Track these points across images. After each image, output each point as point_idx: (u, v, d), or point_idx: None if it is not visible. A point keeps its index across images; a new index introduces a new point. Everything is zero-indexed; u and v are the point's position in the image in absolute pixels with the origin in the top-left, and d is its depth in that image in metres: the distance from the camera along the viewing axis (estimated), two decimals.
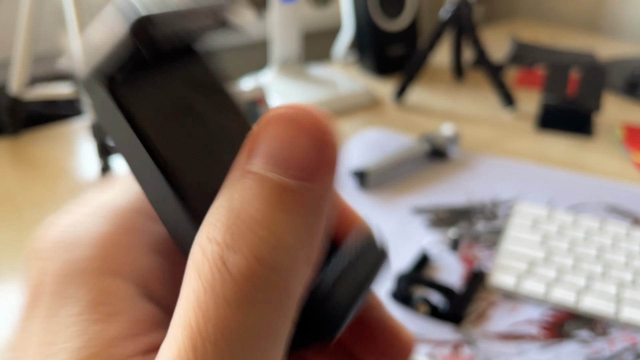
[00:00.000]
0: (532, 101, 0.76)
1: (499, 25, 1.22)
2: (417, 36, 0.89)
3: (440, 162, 0.61)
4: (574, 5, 1.20)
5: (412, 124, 0.71)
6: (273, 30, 0.78)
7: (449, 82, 0.85)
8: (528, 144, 0.65)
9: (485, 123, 0.71)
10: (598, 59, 0.93)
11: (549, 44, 1.03)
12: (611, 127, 0.69)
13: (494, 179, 0.58)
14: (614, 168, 0.60)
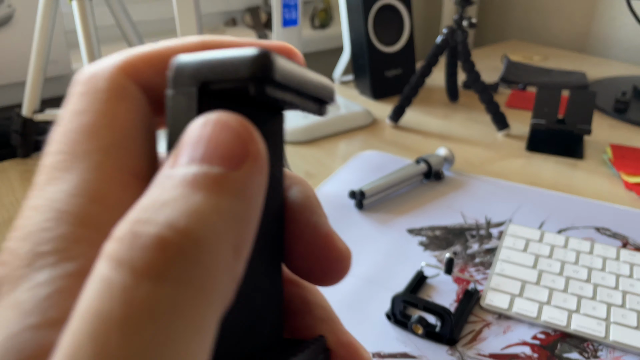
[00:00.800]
0: (524, 122, 0.79)
1: (491, 45, 1.25)
2: (413, 58, 0.91)
3: (436, 183, 0.63)
4: (565, 26, 1.23)
5: (408, 145, 0.73)
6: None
7: (444, 102, 0.88)
8: (520, 165, 0.68)
9: (479, 144, 0.73)
10: (588, 80, 0.95)
11: (540, 64, 1.06)
12: (601, 148, 0.71)
13: (488, 200, 0.60)
14: (604, 189, 0.62)
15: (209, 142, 0.12)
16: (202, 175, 0.11)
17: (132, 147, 0.15)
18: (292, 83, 0.14)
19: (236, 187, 0.12)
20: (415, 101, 0.85)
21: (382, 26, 0.87)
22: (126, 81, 0.15)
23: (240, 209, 0.12)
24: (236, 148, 0.12)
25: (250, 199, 0.12)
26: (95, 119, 0.15)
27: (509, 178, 0.65)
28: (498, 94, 0.92)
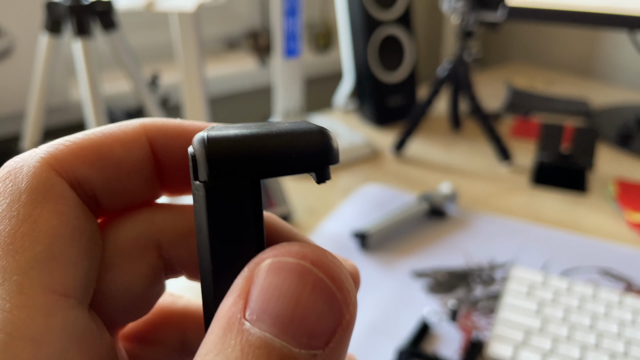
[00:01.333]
0: (528, 153, 0.79)
1: (495, 68, 1.26)
2: (415, 87, 0.91)
3: (439, 221, 0.63)
4: (568, 50, 1.23)
5: (411, 178, 0.73)
6: (276, 81, 0.80)
7: (447, 132, 0.88)
8: (523, 200, 0.67)
9: (482, 177, 0.73)
10: (591, 108, 0.95)
11: (544, 91, 1.06)
12: (604, 183, 0.71)
13: (491, 239, 0.59)
14: (607, 227, 0.62)
15: (298, 306, 0.10)
16: (289, 358, 0.10)
17: (59, 259, 0.12)
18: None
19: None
20: (419, 130, 0.85)
21: (384, 55, 0.87)
22: (53, 178, 0.13)
23: None
24: (331, 320, 0.10)
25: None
26: (14, 227, 0.12)
27: (513, 214, 0.64)
28: (501, 122, 0.92)
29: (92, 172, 0.14)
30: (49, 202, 0.13)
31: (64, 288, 0.12)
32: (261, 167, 0.12)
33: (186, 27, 0.53)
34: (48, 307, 0.12)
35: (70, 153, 0.14)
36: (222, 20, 1.15)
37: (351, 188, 0.70)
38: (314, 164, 0.13)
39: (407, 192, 0.68)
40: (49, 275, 0.12)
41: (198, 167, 0.12)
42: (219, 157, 0.12)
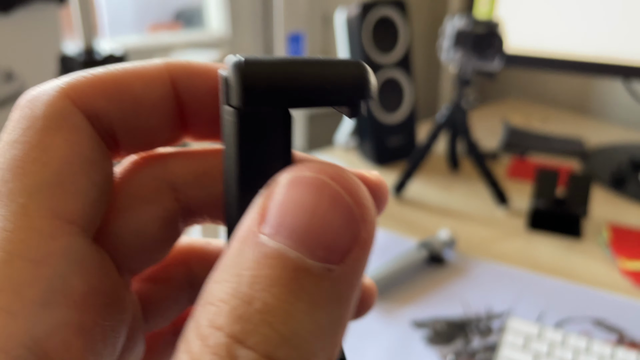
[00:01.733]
0: (524, 195, 0.81)
1: (492, 104, 1.28)
2: (414, 128, 0.94)
3: (437, 268, 0.64)
4: (564, 87, 1.26)
5: (411, 220, 0.75)
6: None
7: (445, 172, 0.90)
8: (520, 245, 0.69)
9: (480, 220, 0.75)
10: (586, 147, 0.98)
11: (540, 129, 1.08)
12: (598, 228, 0.73)
13: (489, 287, 0.61)
14: (601, 274, 0.64)
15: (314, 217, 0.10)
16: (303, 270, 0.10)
17: (66, 186, 0.13)
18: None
19: (339, 292, 0.10)
20: (418, 171, 0.87)
21: (384, 96, 0.90)
22: (69, 108, 0.13)
23: (339, 316, 0.10)
24: (347, 235, 0.10)
25: (351, 301, 0.11)
26: (25, 152, 0.12)
27: (510, 260, 0.66)
28: (498, 161, 0.94)
29: (110, 105, 0.14)
30: (62, 130, 0.13)
31: (69, 214, 0.12)
32: (296, 95, 0.12)
33: None
34: (50, 230, 0.12)
35: (89, 85, 0.13)
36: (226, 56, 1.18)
37: None
38: (349, 96, 0.12)
39: (407, 236, 0.70)
40: (54, 200, 0.12)
41: (230, 92, 0.12)
42: (254, 83, 0.12)
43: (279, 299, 0.10)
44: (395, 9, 0.89)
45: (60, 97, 0.13)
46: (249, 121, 0.12)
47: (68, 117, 0.13)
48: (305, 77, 0.12)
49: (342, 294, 0.10)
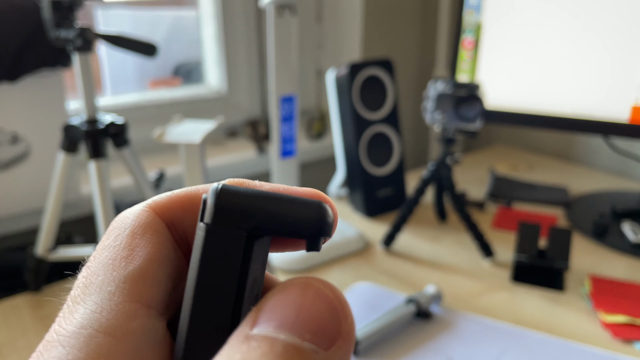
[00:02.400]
0: (509, 246, 0.84)
1: (479, 151, 1.33)
2: (403, 179, 0.97)
3: (425, 322, 0.67)
4: (548, 135, 1.30)
5: (400, 273, 0.78)
6: (273, 176, 0.86)
7: (433, 223, 0.93)
8: (505, 298, 0.72)
9: (466, 273, 0.78)
10: (570, 196, 1.01)
11: (525, 177, 1.12)
12: (580, 279, 0.75)
13: (474, 342, 0.64)
14: (583, 328, 0.66)
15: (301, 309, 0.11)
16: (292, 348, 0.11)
17: (147, 278, 0.15)
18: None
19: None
20: (406, 223, 0.90)
21: (373, 150, 0.94)
22: (153, 218, 0.16)
23: None
24: (331, 324, 0.11)
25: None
26: (115, 252, 0.16)
27: (495, 314, 0.69)
28: (484, 211, 0.97)
29: (184, 215, 0.17)
30: (146, 234, 0.16)
31: (148, 300, 0.15)
32: (259, 222, 0.14)
33: (192, 156, 0.59)
34: (131, 312, 0.14)
35: (168, 200, 0.17)
36: (223, 110, 1.23)
37: (343, 285, 0.74)
38: (308, 231, 0.14)
39: (396, 290, 0.73)
40: (136, 288, 0.15)
41: (206, 211, 0.14)
42: (225, 206, 0.14)
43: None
44: (383, 68, 0.94)
45: (145, 210, 0.17)
46: (214, 237, 0.14)
47: (151, 224, 0.16)
48: (270, 209, 0.14)
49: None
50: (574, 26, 0.85)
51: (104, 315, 0.14)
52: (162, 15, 1.42)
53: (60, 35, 0.60)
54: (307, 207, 0.14)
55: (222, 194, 0.14)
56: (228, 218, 0.14)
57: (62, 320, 0.15)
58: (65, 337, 0.14)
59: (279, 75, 0.79)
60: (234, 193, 0.14)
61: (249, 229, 0.14)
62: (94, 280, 0.15)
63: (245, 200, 0.14)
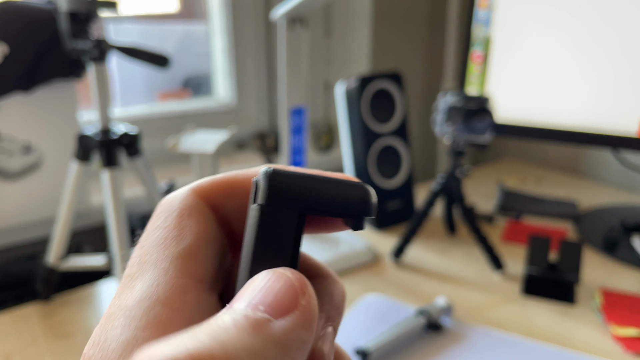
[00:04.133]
0: (519, 259, 0.83)
1: (488, 165, 1.33)
2: (412, 192, 0.98)
3: (435, 334, 0.67)
4: (557, 149, 1.30)
5: (410, 285, 0.77)
6: None
7: (443, 236, 0.93)
8: (515, 311, 0.71)
9: (476, 285, 0.77)
10: (579, 210, 1.01)
11: (534, 191, 1.12)
12: (591, 293, 0.75)
13: (485, 355, 0.63)
14: (594, 341, 0.66)
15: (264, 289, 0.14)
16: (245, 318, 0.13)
17: (197, 255, 0.17)
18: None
19: (274, 334, 0.13)
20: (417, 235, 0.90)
21: (382, 163, 0.94)
22: (197, 201, 0.18)
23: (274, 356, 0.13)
24: (286, 297, 0.14)
25: (288, 349, 0.13)
26: (165, 233, 0.17)
27: (506, 326, 0.68)
28: (494, 225, 0.97)
29: (226, 199, 0.18)
30: (193, 215, 0.18)
31: (199, 275, 0.17)
32: (309, 203, 0.15)
33: (205, 165, 0.60)
34: (185, 286, 0.16)
35: (211, 185, 0.19)
36: (232, 123, 1.23)
37: (352, 297, 0.74)
38: (354, 211, 0.15)
39: (406, 302, 0.73)
40: (188, 264, 0.17)
41: (258, 192, 0.15)
42: (277, 188, 0.15)
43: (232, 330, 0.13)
44: (392, 81, 0.95)
45: (190, 194, 0.18)
46: (267, 217, 0.15)
47: (197, 207, 0.18)
48: (319, 190, 0.15)
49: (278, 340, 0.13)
50: (583, 39, 0.86)
51: (160, 288, 0.16)
52: (172, 29, 1.43)
53: (77, 46, 0.61)
54: (353, 188, 0.15)
55: (274, 176, 0.15)
56: (280, 199, 0.15)
57: (121, 296, 0.16)
58: (126, 309, 0.15)
59: (290, 87, 0.80)
60: (285, 175, 0.15)
61: (300, 209, 0.15)
62: (148, 259, 0.17)
63: (296, 182, 0.15)
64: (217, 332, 0.13)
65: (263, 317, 0.13)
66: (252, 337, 0.13)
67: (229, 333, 0.13)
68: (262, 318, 0.13)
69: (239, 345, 0.13)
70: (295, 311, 0.14)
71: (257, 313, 0.13)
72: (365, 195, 0.16)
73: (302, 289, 0.14)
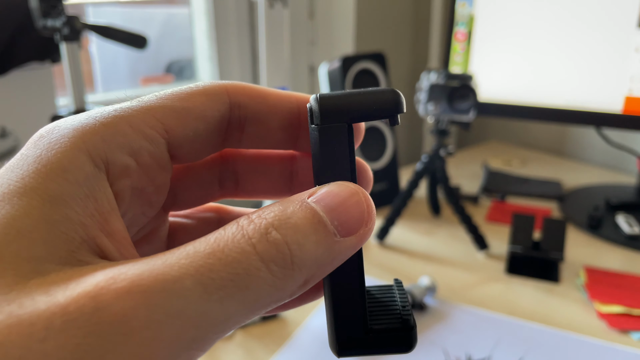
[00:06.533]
0: (504, 238, 0.83)
1: (473, 147, 1.32)
2: (397, 174, 0.97)
3: (419, 314, 0.66)
4: (542, 130, 1.30)
5: (394, 266, 0.77)
6: None
7: (427, 216, 0.93)
8: (500, 291, 0.71)
9: (460, 265, 0.77)
10: (563, 189, 1.01)
11: (519, 172, 1.12)
12: (576, 270, 0.75)
13: (469, 333, 0.63)
14: (579, 318, 0.66)
15: (344, 205, 0.16)
16: (322, 224, 0.16)
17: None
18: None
19: (334, 247, 0.16)
20: (400, 217, 0.90)
21: (366, 144, 0.93)
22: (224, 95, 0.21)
23: (326, 261, 0.16)
24: (355, 224, 0.16)
25: (335, 260, 0.16)
26: None
27: (490, 306, 0.68)
28: (479, 205, 0.97)
29: (248, 99, 0.21)
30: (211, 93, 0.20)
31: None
32: (353, 114, 0.19)
33: None
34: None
35: (242, 86, 0.20)
36: None
37: None
38: (389, 111, 0.19)
39: (390, 283, 0.72)
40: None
41: (313, 115, 0.19)
42: (327, 108, 0.18)
43: (302, 227, 0.15)
44: (375, 62, 0.94)
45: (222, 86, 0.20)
46: (325, 133, 0.19)
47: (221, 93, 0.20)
48: (359, 103, 0.19)
49: (334, 251, 0.16)
50: (567, 17, 0.85)
51: None
52: (154, 12, 1.41)
53: (47, 25, 0.59)
54: (384, 94, 0.19)
55: (322, 100, 0.18)
56: (332, 117, 0.18)
57: None
58: None
59: (270, 67, 0.79)
60: (329, 97, 0.19)
61: (348, 120, 0.18)
62: None
63: (340, 100, 0.18)
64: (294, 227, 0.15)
65: (332, 230, 0.16)
66: (320, 246, 0.16)
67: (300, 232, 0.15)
68: (332, 231, 0.16)
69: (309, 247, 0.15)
70: (354, 236, 0.16)
71: (330, 226, 0.16)
72: (395, 96, 0.19)
73: (368, 220, 0.17)
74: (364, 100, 0.19)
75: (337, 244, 0.16)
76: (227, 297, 0.14)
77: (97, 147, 0.16)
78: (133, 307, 0.12)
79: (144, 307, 0.13)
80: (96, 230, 0.15)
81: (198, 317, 0.13)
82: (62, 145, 0.16)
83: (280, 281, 0.15)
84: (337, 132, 0.19)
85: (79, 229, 0.15)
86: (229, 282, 0.14)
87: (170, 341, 0.13)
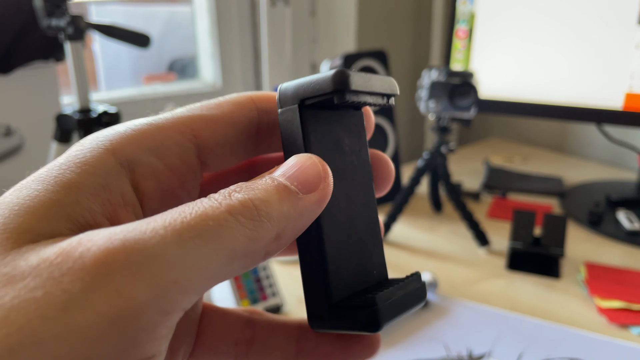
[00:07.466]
0: (505, 235, 0.84)
1: (474, 144, 1.33)
2: (398, 171, 0.97)
3: (420, 310, 0.67)
4: (543, 127, 1.30)
5: (397, 263, 0.78)
6: None
7: (429, 213, 0.93)
8: (500, 287, 0.72)
9: (462, 261, 0.78)
10: (564, 186, 1.01)
11: (520, 168, 1.12)
12: (576, 266, 0.75)
13: (470, 329, 0.63)
14: (579, 313, 0.66)
15: (300, 168, 0.18)
16: (283, 186, 0.17)
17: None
18: (364, 88, 0.20)
19: (298, 203, 0.17)
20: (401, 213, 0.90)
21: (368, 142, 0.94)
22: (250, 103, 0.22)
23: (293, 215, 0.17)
24: (314, 181, 0.18)
25: (303, 215, 0.18)
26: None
27: (490, 301, 0.69)
28: (480, 202, 0.97)
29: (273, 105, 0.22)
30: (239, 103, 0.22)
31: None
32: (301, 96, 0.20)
33: None
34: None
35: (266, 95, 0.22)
36: None
37: None
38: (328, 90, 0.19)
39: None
40: None
41: (279, 101, 0.21)
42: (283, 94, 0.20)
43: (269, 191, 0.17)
44: (377, 59, 0.94)
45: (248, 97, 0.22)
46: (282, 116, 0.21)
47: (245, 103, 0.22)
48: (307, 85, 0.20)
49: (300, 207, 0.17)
50: (567, 14, 0.86)
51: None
52: (157, 11, 1.41)
53: (52, 24, 0.60)
54: (329, 74, 0.20)
55: (281, 90, 0.21)
56: (286, 101, 0.20)
57: None
58: None
59: (273, 65, 0.79)
60: (287, 85, 0.20)
61: (298, 102, 0.20)
62: None
63: (292, 86, 0.20)
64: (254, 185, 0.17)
65: (294, 189, 0.17)
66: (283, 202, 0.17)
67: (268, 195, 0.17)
68: (294, 190, 0.17)
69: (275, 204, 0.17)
70: (316, 191, 0.18)
71: (291, 186, 0.17)
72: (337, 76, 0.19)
73: (325, 178, 0.18)
74: (311, 82, 0.20)
75: (301, 200, 0.17)
76: (203, 244, 0.15)
77: (123, 148, 0.18)
78: (112, 252, 0.14)
79: (122, 251, 0.14)
80: (102, 217, 0.17)
81: (176, 260, 0.14)
82: (91, 146, 0.18)
83: (251, 231, 0.16)
84: (291, 114, 0.20)
85: (86, 214, 0.17)
86: (202, 231, 0.15)
87: (150, 280, 0.14)
